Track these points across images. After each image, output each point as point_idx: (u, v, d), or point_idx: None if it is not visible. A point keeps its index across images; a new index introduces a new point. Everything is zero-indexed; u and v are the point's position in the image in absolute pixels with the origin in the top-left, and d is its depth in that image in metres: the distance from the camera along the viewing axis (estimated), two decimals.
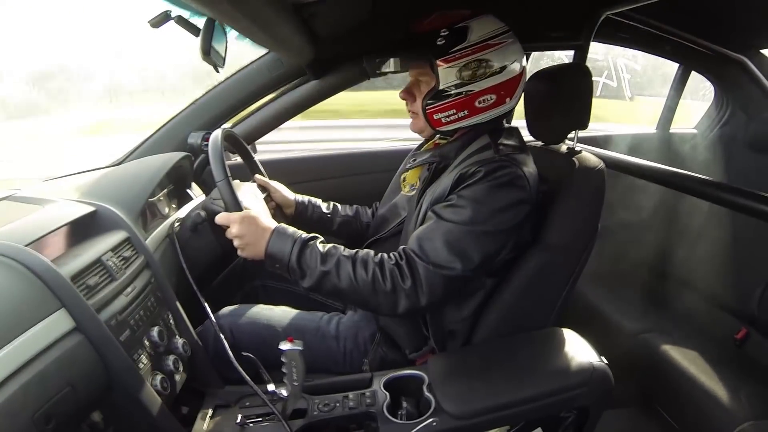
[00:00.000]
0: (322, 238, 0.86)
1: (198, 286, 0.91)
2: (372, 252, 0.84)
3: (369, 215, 1.22)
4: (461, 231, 0.81)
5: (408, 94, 0.95)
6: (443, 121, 0.89)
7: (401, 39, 0.93)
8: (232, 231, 0.85)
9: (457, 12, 0.87)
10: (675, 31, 1.53)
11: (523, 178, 0.84)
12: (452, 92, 0.87)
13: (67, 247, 0.78)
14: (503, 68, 0.87)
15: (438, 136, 0.98)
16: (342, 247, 0.84)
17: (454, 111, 0.88)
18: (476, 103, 0.88)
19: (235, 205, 0.89)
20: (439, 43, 0.85)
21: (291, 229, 0.85)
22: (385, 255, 0.83)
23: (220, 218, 0.87)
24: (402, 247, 0.84)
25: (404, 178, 1.08)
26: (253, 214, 0.85)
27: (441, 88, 0.87)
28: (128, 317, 0.76)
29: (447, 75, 0.86)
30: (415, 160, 1.01)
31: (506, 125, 0.97)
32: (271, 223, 0.86)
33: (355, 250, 0.84)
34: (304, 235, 0.84)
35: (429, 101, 0.89)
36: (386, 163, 1.51)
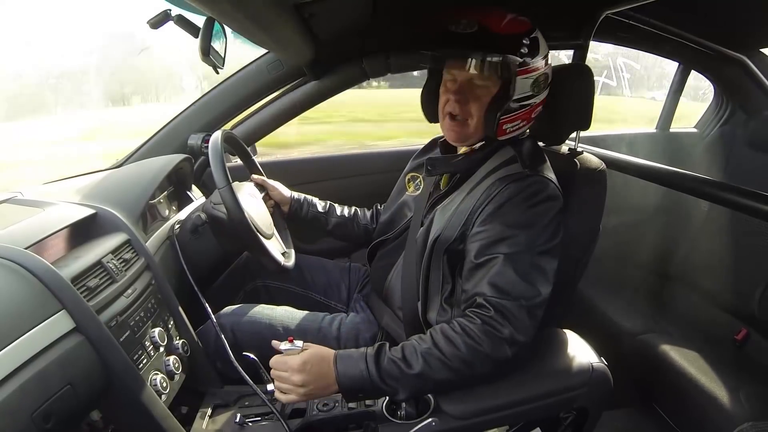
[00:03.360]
0: (386, 343, 0.78)
1: (199, 287, 0.91)
2: (441, 326, 0.76)
3: (368, 218, 1.22)
4: (525, 258, 0.77)
5: (462, 98, 0.85)
6: (508, 131, 0.86)
7: (472, 34, 0.81)
8: (294, 379, 0.73)
9: (521, 19, 0.83)
10: (675, 30, 1.53)
11: (555, 188, 0.83)
12: (522, 103, 0.84)
13: (67, 250, 0.79)
14: (552, 78, 0.87)
15: (479, 145, 0.91)
16: (410, 340, 0.77)
17: (520, 121, 0.85)
18: (533, 114, 0.87)
19: (238, 212, 0.89)
20: (522, 51, 0.81)
21: (349, 350, 0.77)
22: (460, 320, 0.76)
23: (276, 364, 0.76)
24: (474, 301, 0.77)
25: (409, 178, 1.07)
26: (311, 351, 0.76)
27: (515, 98, 0.82)
28: (128, 318, 0.76)
29: (523, 86, 0.82)
30: (434, 167, 0.93)
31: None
32: (328, 352, 0.76)
33: (426, 335, 0.76)
34: (368, 349, 0.76)
35: (502, 111, 0.83)
36: (386, 165, 1.51)
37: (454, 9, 0.84)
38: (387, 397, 0.79)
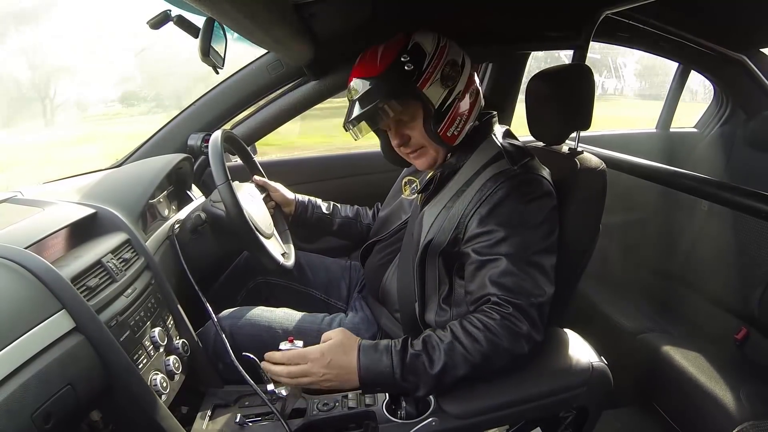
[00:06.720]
0: (409, 337, 0.77)
1: (199, 287, 0.91)
2: (461, 321, 0.77)
3: (369, 217, 1.22)
4: (526, 258, 0.78)
5: (402, 138, 0.88)
6: (456, 133, 0.86)
7: (359, 98, 0.83)
8: (314, 371, 0.73)
9: (393, 40, 0.84)
10: (675, 30, 1.53)
11: (548, 184, 0.83)
12: (448, 103, 0.84)
13: (67, 249, 0.79)
14: (463, 63, 0.86)
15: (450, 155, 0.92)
16: (430, 334, 0.76)
17: (459, 118, 0.86)
18: (468, 99, 0.87)
19: (236, 208, 0.89)
20: (407, 69, 0.81)
21: (372, 343, 0.76)
22: (478, 315, 0.76)
23: (293, 359, 0.75)
24: (489, 300, 0.77)
25: (405, 182, 1.08)
26: (331, 342, 0.76)
27: (437, 105, 0.83)
28: (128, 318, 0.76)
29: (435, 92, 0.82)
30: (420, 177, 0.98)
31: (498, 126, 0.95)
32: (350, 344, 0.76)
33: (446, 330, 0.76)
34: (392, 343, 0.76)
35: (435, 125, 0.84)
36: (386, 165, 1.50)
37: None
38: (387, 397, 0.79)
